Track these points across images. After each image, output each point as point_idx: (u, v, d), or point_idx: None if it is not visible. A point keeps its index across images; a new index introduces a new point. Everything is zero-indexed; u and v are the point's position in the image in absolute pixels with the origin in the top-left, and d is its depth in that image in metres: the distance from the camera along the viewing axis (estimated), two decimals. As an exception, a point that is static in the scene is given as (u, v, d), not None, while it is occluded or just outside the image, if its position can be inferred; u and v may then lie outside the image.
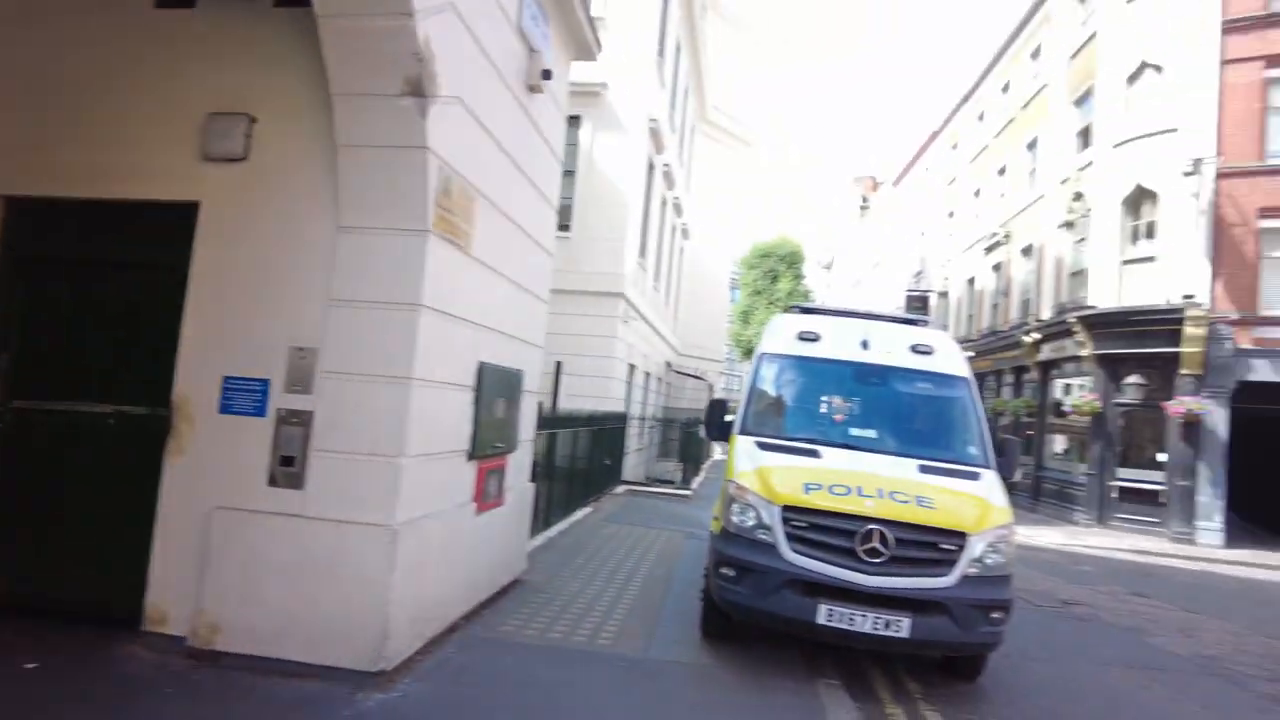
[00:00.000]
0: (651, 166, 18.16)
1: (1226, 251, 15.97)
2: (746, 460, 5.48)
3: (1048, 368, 20.17)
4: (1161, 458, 16.45)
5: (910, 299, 30.96)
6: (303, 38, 4.51)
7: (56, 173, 4.92)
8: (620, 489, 15.95)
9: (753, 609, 5.09)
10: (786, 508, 5.04)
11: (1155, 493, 16.48)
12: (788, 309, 7.15)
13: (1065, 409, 18.60)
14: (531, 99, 6.16)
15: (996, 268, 24.87)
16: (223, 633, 4.47)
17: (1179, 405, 15.59)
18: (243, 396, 4.67)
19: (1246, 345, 15.67)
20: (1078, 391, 18.16)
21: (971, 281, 27.27)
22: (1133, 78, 17.69)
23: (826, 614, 4.82)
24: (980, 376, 25.03)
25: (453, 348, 5.07)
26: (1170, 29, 16.97)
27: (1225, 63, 16.35)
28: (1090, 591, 9.83)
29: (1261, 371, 15.56)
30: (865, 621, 4.77)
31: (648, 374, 20.90)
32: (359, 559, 4.41)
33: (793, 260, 51.76)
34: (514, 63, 5.76)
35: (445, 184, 4.66)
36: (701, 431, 14.75)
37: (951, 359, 6.18)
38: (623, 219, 15.64)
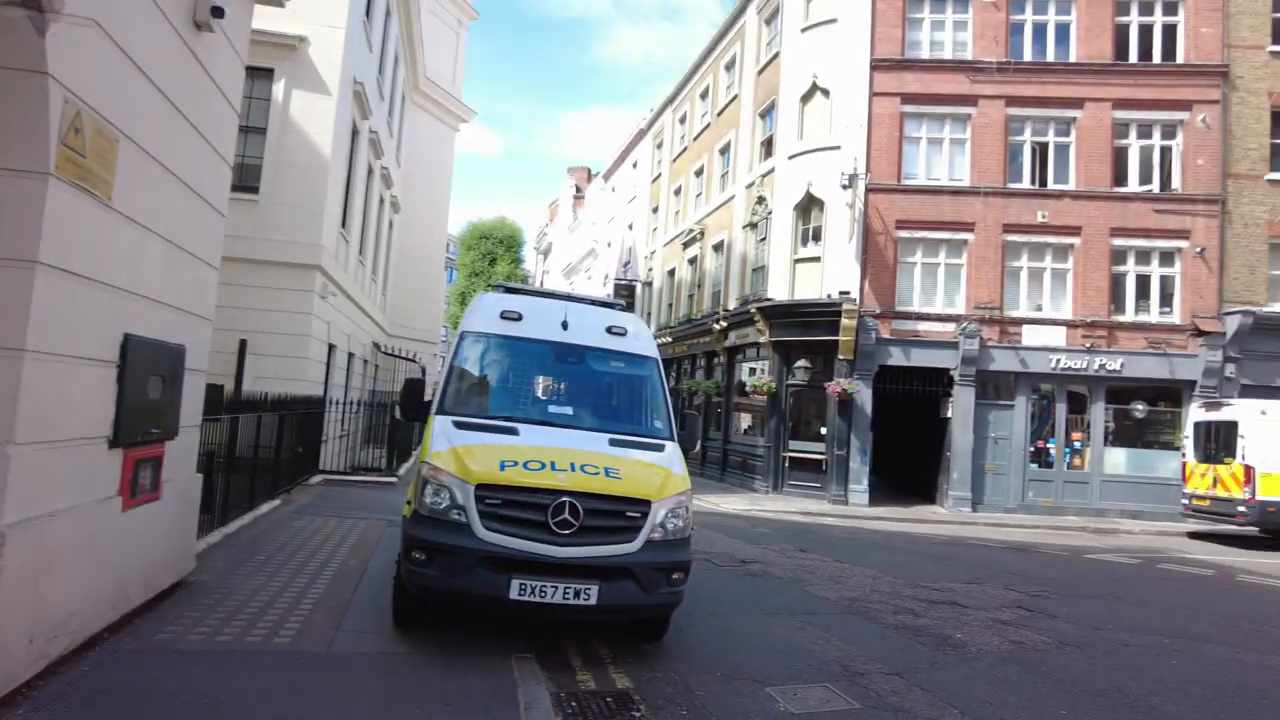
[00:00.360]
0: (356, 132, 17.09)
1: (873, 255, 18.81)
2: (442, 440, 5.35)
3: (734, 352, 22.32)
4: (824, 431, 18.98)
5: (618, 287, 32.54)
6: None
7: None
8: (317, 479, 14.87)
9: (445, 590, 5.01)
10: (481, 486, 5.01)
11: (818, 461, 18.98)
12: (491, 288, 7.10)
13: (747, 389, 20.73)
14: (200, 38, 5.41)
15: (693, 261, 26.95)
16: None
17: (836, 385, 18.10)
18: None
19: (886, 335, 18.62)
20: (757, 374, 20.32)
21: (672, 273, 29.27)
22: (806, 98, 20.10)
23: (519, 588, 4.87)
24: (679, 360, 27.06)
25: (86, 315, 4.31)
26: (834, 59, 19.52)
27: (874, 95, 19.21)
28: (765, 550, 11.02)
29: (896, 357, 18.59)
30: (556, 592, 4.89)
31: (351, 355, 19.68)
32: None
33: (511, 243, 51.96)
34: (175, -9, 5.01)
35: (74, 120, 3.91)
36: (397, 413, 14.16)
37: (642, 340, 6.55)
38: (322, 185, 14.49)
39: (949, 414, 18.65)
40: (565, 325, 6.26)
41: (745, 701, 4.84)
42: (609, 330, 6.38)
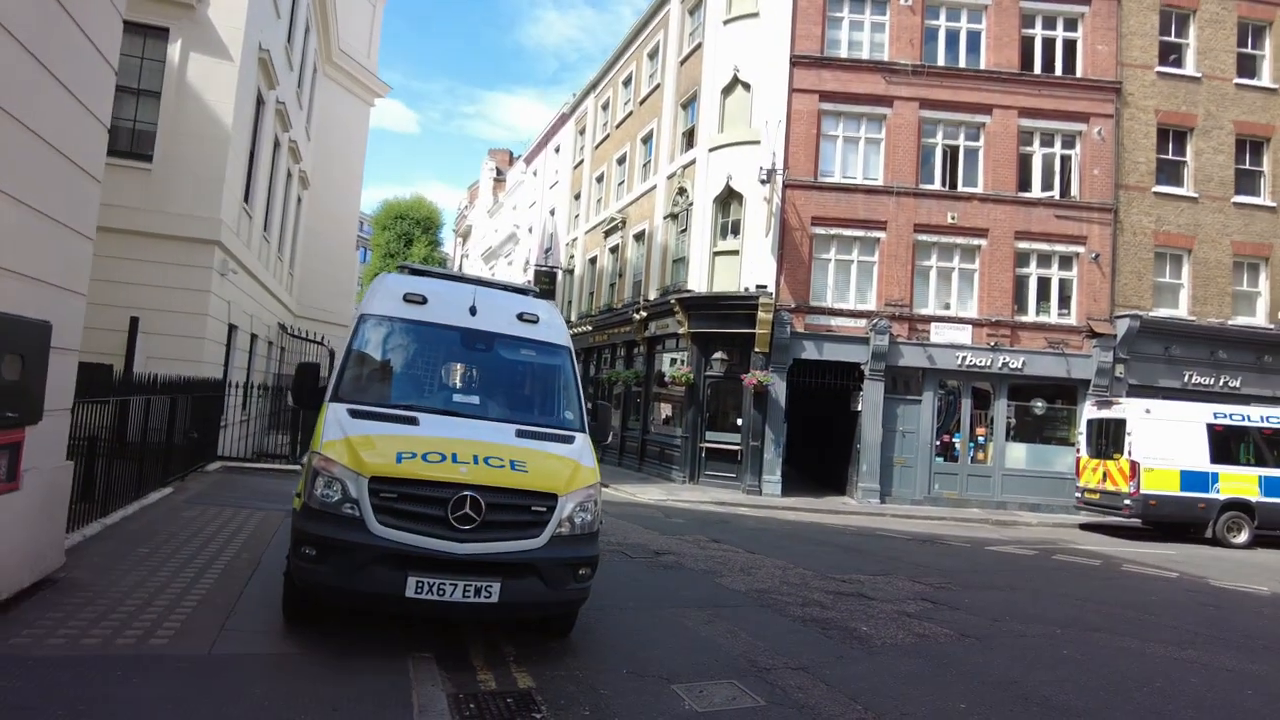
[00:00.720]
0: (261, 101, 16.23)
1: (789, 250, 19.05)
2: (335, 429, 5.03)
3: (654, 343, 22.30)
4: (740, 422, 19.15)
5: (539, 274, 32.11)
6: None
7: None
8: (215, 465, 14.12)
9: (338, 589, 4.72)
10: (375, 479, 4.72)
11: (734, 452, 19.15)
12: (397, 269, 6.75)
13: (666, 380, 20.73)
14: (65, -20, 4.92)
15: (614, 250, 26.79)
16: None
17: (751, 378, 18.28)
18: None
19: (801, 329, 18.91)
20: (676, 365, 20.34)
21: (593, 261, 29.04)
22: (727, 90, 20.17)
23: (416, 586, 4.62)
24: (599, 349, 26.89)
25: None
26: (756, 53, 19.63)
27: (793, 91, 19.42)
28: (679, 541, 10.99)
29: (810, 351, 18.90)
30: (456, 590, 4.66)
31: (254, 336, 18.76)
32: None
33: (429, 225, 50.54)
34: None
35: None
36: (289, 399, 13.58)
37: (554, 329, 6.32)
38: (222, 155, 13.69)
39: (859, 408, 19.10)
40: (473, 311, 5.98)
41: (650, 700, 4.73)
42: (520, 317, 6.14)
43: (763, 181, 18.45)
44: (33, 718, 3.68)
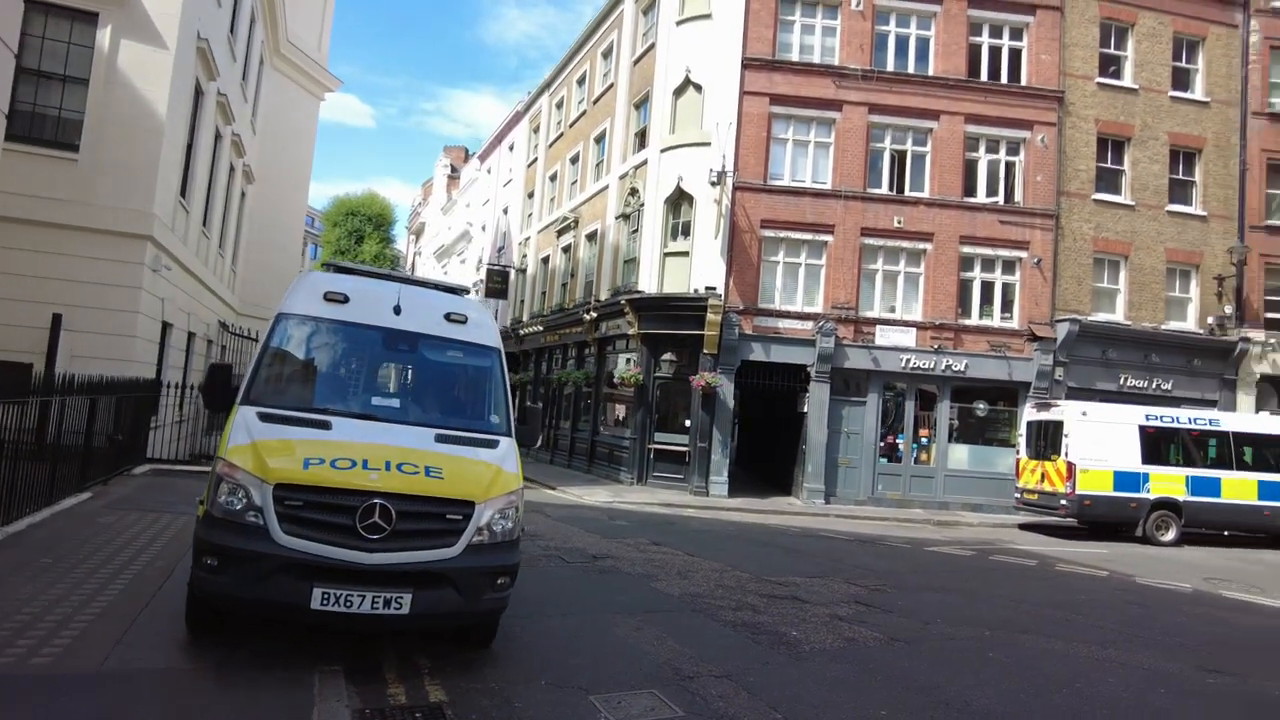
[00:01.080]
0: (201, 92, 15.77)
1: (739, 252, 19.11)
2: (242, 434, 4.83)
3: (605, 343, 22.20)
4: (688, 424, 19.14)
5: (491, 273, 31.79)
6: None
7: None
8: (143, 468, 13.66)
9: (240, 600, 4.53)
10: (280, 486, 4.54)
11: (682, 453, 19.14)
12: (322, 266, 6.54)
13: (615, 381, 20.65)
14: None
15: (567, 249, 26.62)
16: None
17: (700, 379, 18.28)
18: None
19: (749, 331, 18.98)
20: (627, 365, 20.26)
21: (546, 260, 28.83)
22: (679, 91, 20.16)
23: (322, 597, 4.44)
24: (550, 349, 26.72)
25: None
26: (708, 55, 19.65)
27: (744, 93, 19.49)
28: (619, 544, 10.89)
29: (758, 353, 18.98)
30: (364, 601, 4.50)
31: (192, 334, 18.22)
32: None
33: (381, 221, 49.72)
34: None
35: None
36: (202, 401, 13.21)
37: (484, 329, 6.16)
38: (156, 147, 13.26)
39: (805, 409, 19.24)
40: (398, 310, 5.80)
41: (565, 712, 4.63)
42: (448, 317, 5.96)
43: (713, 183, 18.46)
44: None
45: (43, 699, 4.05)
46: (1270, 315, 21.20)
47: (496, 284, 31.13)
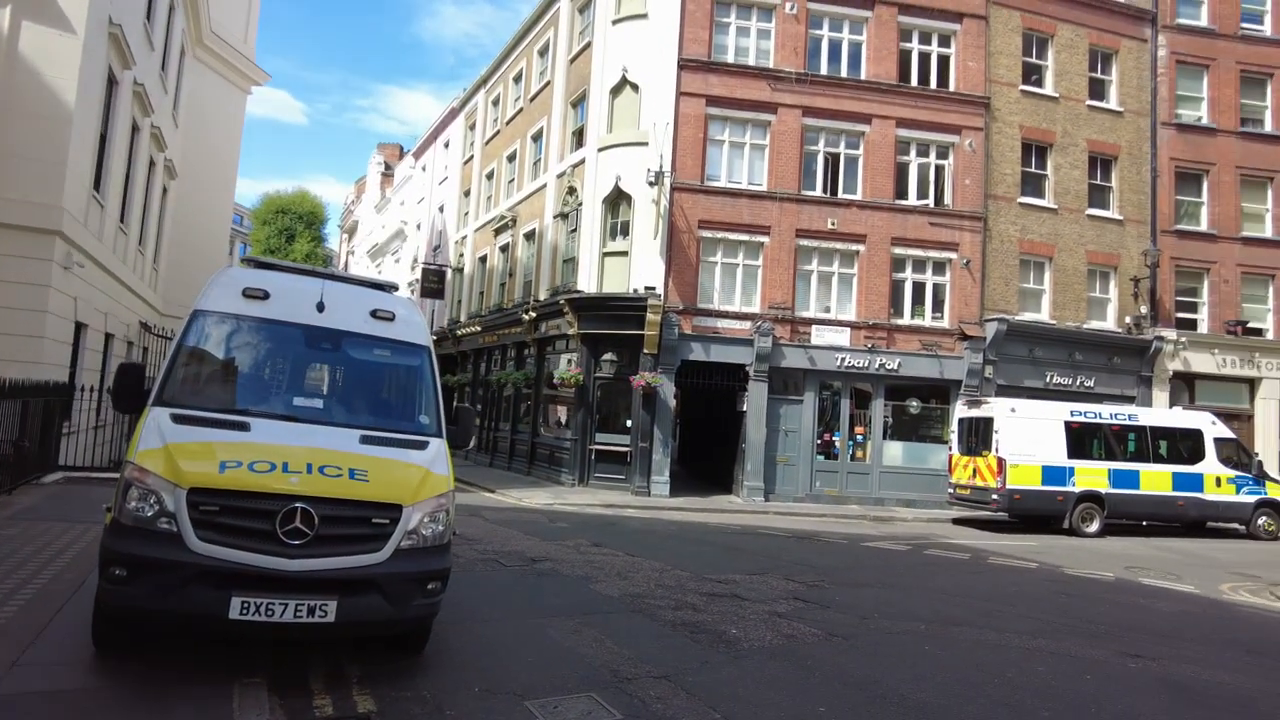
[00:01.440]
0: (115, 81, 15.05)
1: (677, 252, 19.14)
2: (154, 437, 4.56)
3: (544, 344, 21.97)
4: (629, 424, 19.07)
5: (427, 272, 31.19)
6: None
7: None
8: (54, 476, 12.92)
9: (152, 612, 4.26)
10: (195, 491, 4.29)
11: (624, 454, 19.06)
12: (241, 262, 6.24)
13: (555, 381, 20.44)
14: None
15: (504, 249, 26.29)
16: None
17: (640, 379, 18.24)
18: None
19: (688, 331, 19.02)
20: (566, 366, 20.09)
21: (484, 260, 28.42)
22: (616, 90, 20.11)
23: (241, 607, 4.21)
24: (489, 350, 26.35)
25: None
26: (645, 55, 19.64)
27: (680, 94, 19.54)
28: (559, 546, 10.73)
29: (698, 353, 19.04)
30: (286, 610, 4.28)
31: (110, 335, 17.38)
32: None
33: (312, 220, 48.32)
34: None
35: None
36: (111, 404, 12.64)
37: (413, 327, 5.96)
38: (64, 138, 12.60)
39: (744, 408, 19.37)
40: (321, 307, 5.56)
41: (500, 719, 4.49)
42: (374, 314, 5.75)
43: (651, 183, 18.45)
44: None
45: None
46: (1181, 315, 22.26)
47: (433, 283, 30.56)
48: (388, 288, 6.45)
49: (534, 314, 21.63)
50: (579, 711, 4.68)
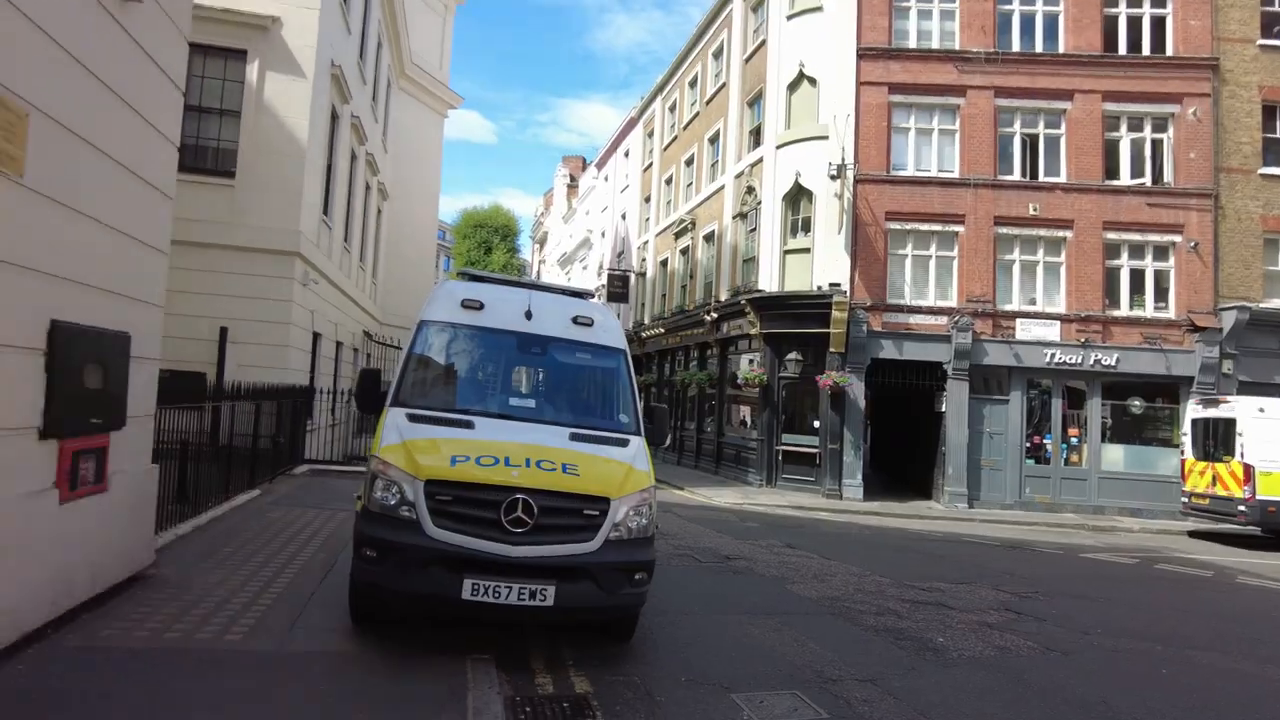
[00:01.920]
0: (336, 116, 16.80)
1: (863, 247, 18.55)
2: (394, 434, 5.11)
3: (726, 344, 22.08)
4: (817, 424, 18.74)
5: (612, 278, 32.25)
6: None
7: None
8: (302, 469, 14.64)
9: (396, 590, 4.77)
10: (430, 482, 4.77)
11: (812, 455, 18.74)
12: (457, 275, 6.85)
13: (739, 382, 20.49)
14: (128, 9, 5.13)
15: (685, 251, 26.68)
16: None
17: (827, 379, 17.86)
18: None
19: (878, 328, 18.37)
20: (750, 366, 20.08)
21: (665, 263, 29.01)
22: (793, 86, 19.83)
23: (471, 588, 4.63)
24: (672, 351, 26.85)
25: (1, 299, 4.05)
26: (821, 48, 19.22)
27: (861, 84, 18.91)
28: (751, 546, 10.78)
29: (889, 350, 18.34)
30: (511, 593, 4.65)
31: (339, 344, 19.46)
32: None
33: (506, 232, 51.68)
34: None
35: (-25, 90, 3.66)
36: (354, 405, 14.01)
37: (609, 331, 6.28)
38: (299, 170, 14.22)
39: (943, 408, 18.43)
40: (529, 315, 6.00)
41: (708, 708, 4.61)
42: (575, 320, 6.12)
43: (833, 177, 18.04)
44: (113, 707, 3.85)
45: (238, 671, 4.45)
46: None
47: (617, 288, 31.58)
48: (585, 295, 6.81)
49: (715, 315, 21.80)
50: (784, 708, 4.71)
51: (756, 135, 21.45)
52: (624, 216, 35.62)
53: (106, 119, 5.01)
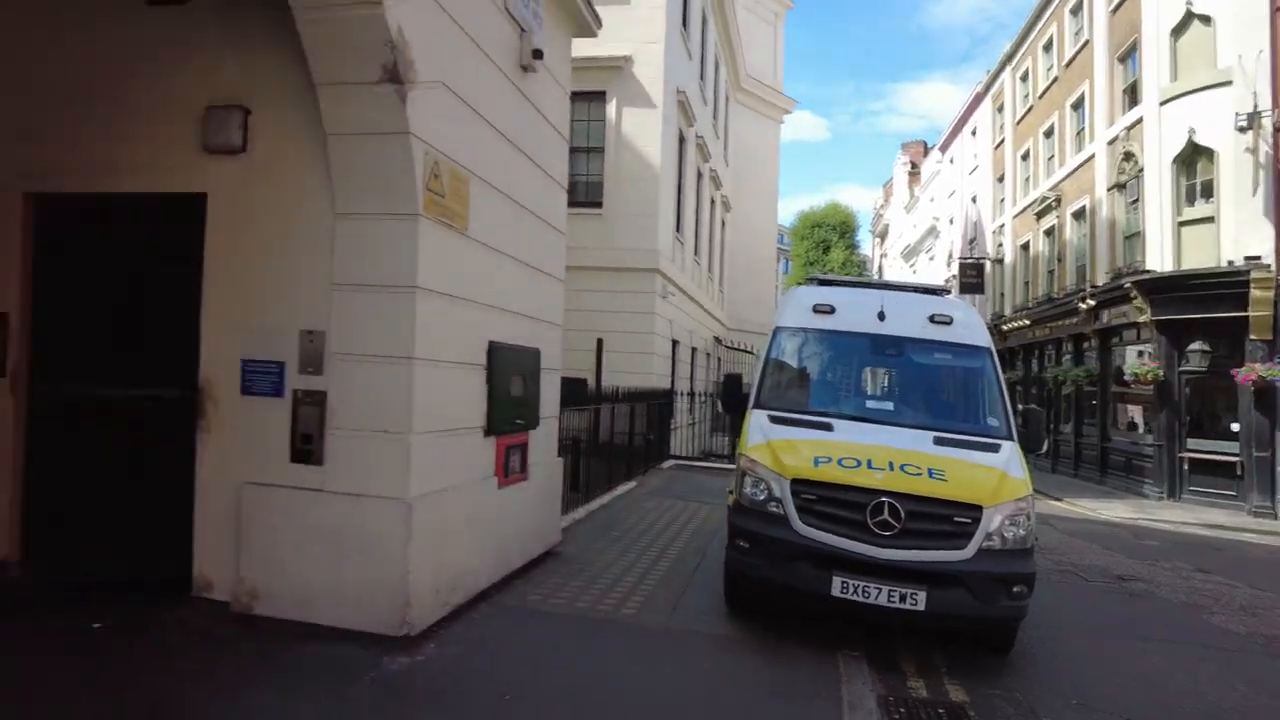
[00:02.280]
0: (683, 139, 18.05)
1: (1293, 207, 15.09)
2: (758, 434, 5.45)
3: (1107, 335, 19.42)
4: (1235, 427, 15.68)
5: (964, 267, 30.14)
6: (289, 27, 4.50)
7: (75, 169, 5.13)
8: (667, 464, 15.99)
9: (767, 579, 5.08)
10: (796, 481, 4.99)
11: (1230, 464, 15.70)
12: (805, 280, 7.06)
13: (1127, 378, 17.89)
14: (526, 78, 6.15)
15: (1049, 232, 24.01)
16: (260, 599, 4.73)
17: (1249, 372, 14.81)
18: (261, 378, 4.86)
19: (1319, 305, 14.81)
20: (1140, 359, 17.44)
21: (1025, 247, 26.39)
22: (1178, 30, 16.82)
23: (840, 586, 4.76)
24: (1040, 345, 24.41)
25: (457, 327, 5.14)
26: (1217, -24, 16.03)
27: (1276, 10, 15.36)
28: (1150, 567, 9.42)
29: (1336, 333, 14.69)
30: (880, 594, 4.70)
31: (694, 349, 20.91)
32: (377, 530, 4.57)
33: (844, 229, 50.90)
34: (503, 43, 5.77)
35: (433, 167, 4.71)
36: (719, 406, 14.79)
37: (971, 329, 6.01)
38: (654, 193, 15.59)
39: None
40: (882, 316, 5.98)
41: (1108, 737, 4.22)
42: (932, 319, 5.96)
43: (1242, 129, 14.96)
44: (541, 657, 4.68)
45: (634, 639, 5.11)
46: None
47: (971, 278, 29.42)
48: (940, 292, 6.59)
49: (1092, 302, 19.29)
50: (1208, 750, 4.13)
51: (1132, 93, 18.59)
52: (974, 200, 33.09)
53: (518, 174, 6.09)
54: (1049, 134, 24.18)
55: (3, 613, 4.78)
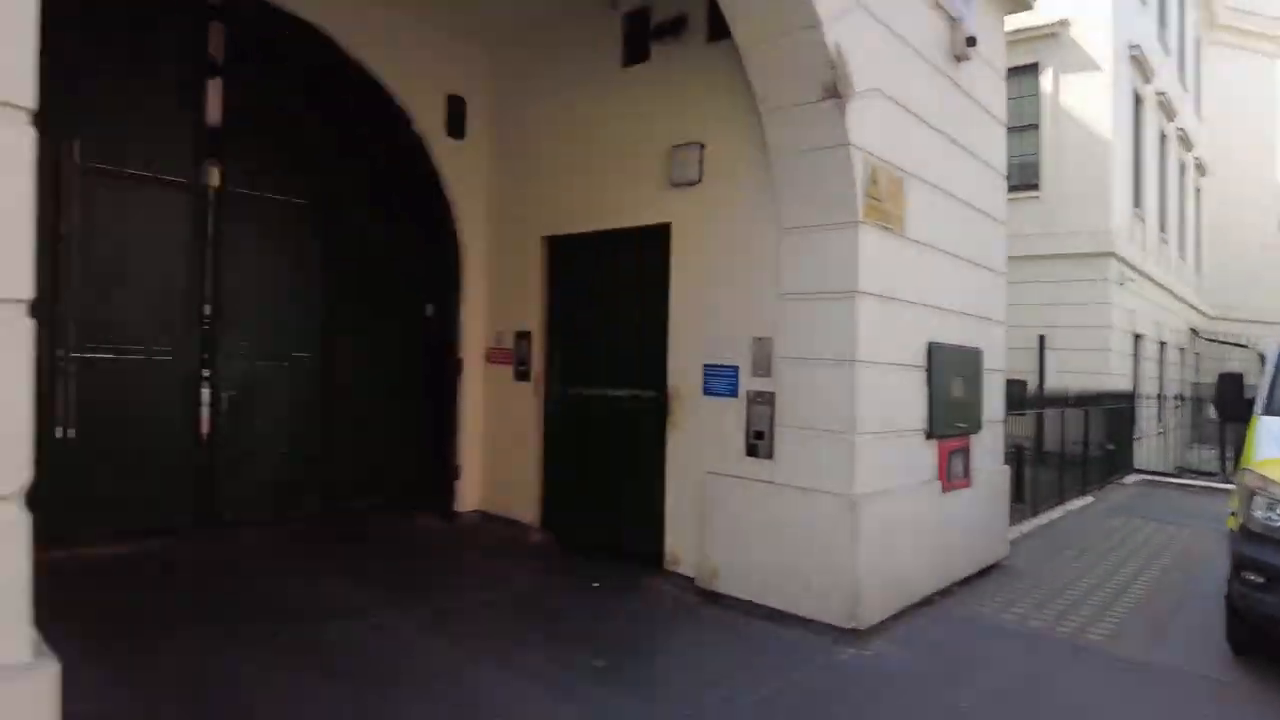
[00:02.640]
0: (1139, 99, 15.60)
1: None
2: (1271, 445, 4.50)
3: None
4: None
5: None
6: (734, 65, 5.07)
7: (574, 215, 6.50)
8: (1130, 478, 13.88)
9: None
10: None
11: None
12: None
13: None
14: (959, 68, 5.98)
15: None
16: (720, 577, 5.35)
17: None
18: (719, 381, 5.55)
19: None
20: None
21: None
22: None
23: None
24: None
25: (895, 329, 5.21)
26: None
27: None
28: None
29: None
30: None
31: (1162, 344, 17.83)
32: (825, 525, 4.84)
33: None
34: (934, 37, 5.70)
35: (871, 174, 4.86)
36: (1211, 412, 12.27)
37: None
38: (1103, 166, 13.74)
39: None
40: None
41: None
42: None
43: None
44: (996, 672, 4.46)
45: (1105, 670, 4.61)
46: None
47: None
48: None
49: None
50: None
51: None
52: None
53: (949, 166, 5.95)
54: None
55: (541, 570, 6.30)
